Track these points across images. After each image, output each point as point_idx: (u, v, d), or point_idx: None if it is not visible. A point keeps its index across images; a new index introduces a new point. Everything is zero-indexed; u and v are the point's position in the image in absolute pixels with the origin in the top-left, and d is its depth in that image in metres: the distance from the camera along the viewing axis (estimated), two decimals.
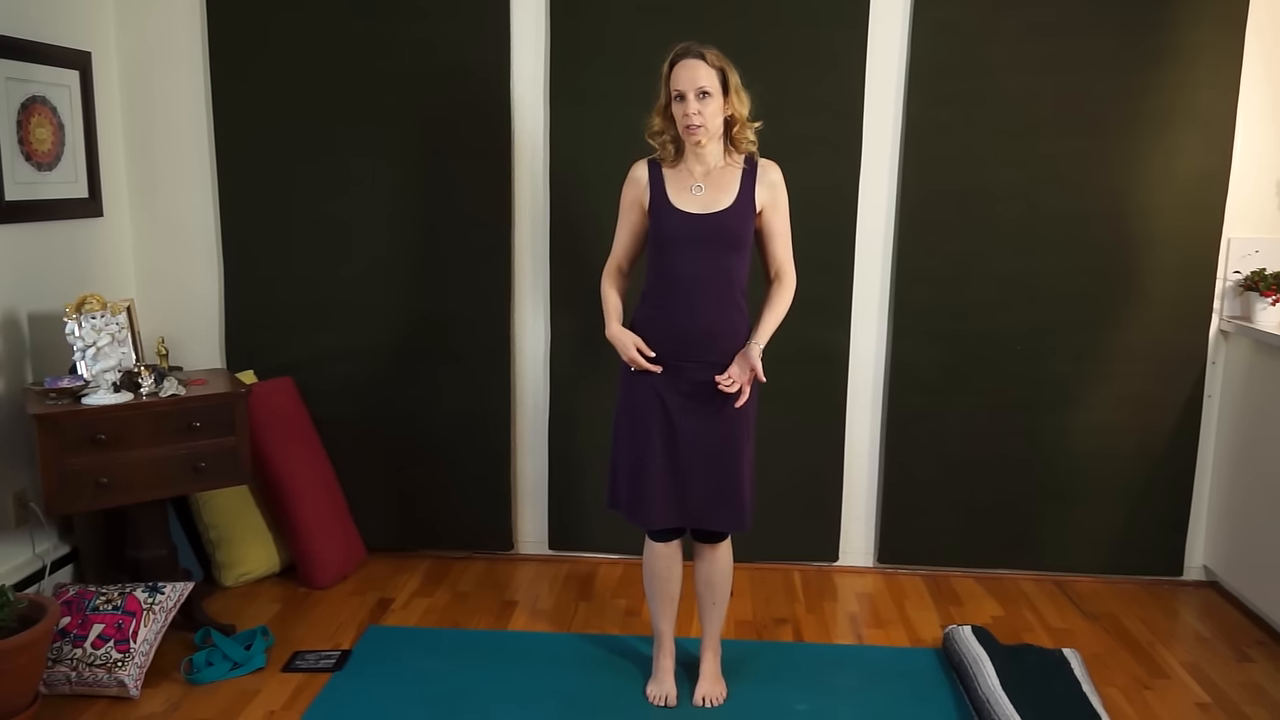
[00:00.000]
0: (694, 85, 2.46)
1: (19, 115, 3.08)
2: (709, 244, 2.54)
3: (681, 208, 2.56)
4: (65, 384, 2.91)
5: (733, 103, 2.51)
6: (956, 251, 3.46)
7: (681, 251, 2.55)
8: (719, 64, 2.48)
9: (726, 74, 2.49)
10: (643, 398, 2.61)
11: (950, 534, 3.64)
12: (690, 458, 2.60)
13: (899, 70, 3.42)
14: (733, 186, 2.56)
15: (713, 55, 2.48)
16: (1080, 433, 3.53)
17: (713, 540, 2.72)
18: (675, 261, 2.56)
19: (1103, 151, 3.38)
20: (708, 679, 2.79)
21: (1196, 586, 3.62)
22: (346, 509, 3.63)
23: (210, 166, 3.58)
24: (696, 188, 2.56)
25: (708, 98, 2.46)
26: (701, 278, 2.54)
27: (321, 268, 3.59)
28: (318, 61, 3.48)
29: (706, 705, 2.74)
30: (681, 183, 2.58)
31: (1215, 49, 3.31)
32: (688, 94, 2.46)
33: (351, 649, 3.02)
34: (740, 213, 2.55)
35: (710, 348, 2.57)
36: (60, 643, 2.73)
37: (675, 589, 2.78)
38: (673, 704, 2.75)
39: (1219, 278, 3.46)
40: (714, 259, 2.54)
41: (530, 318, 3.64)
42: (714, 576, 2.76)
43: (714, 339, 2.57)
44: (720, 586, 2.77)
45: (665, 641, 2.82)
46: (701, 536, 2.74)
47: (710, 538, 2.72)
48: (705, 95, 2.46)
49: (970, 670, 2.82)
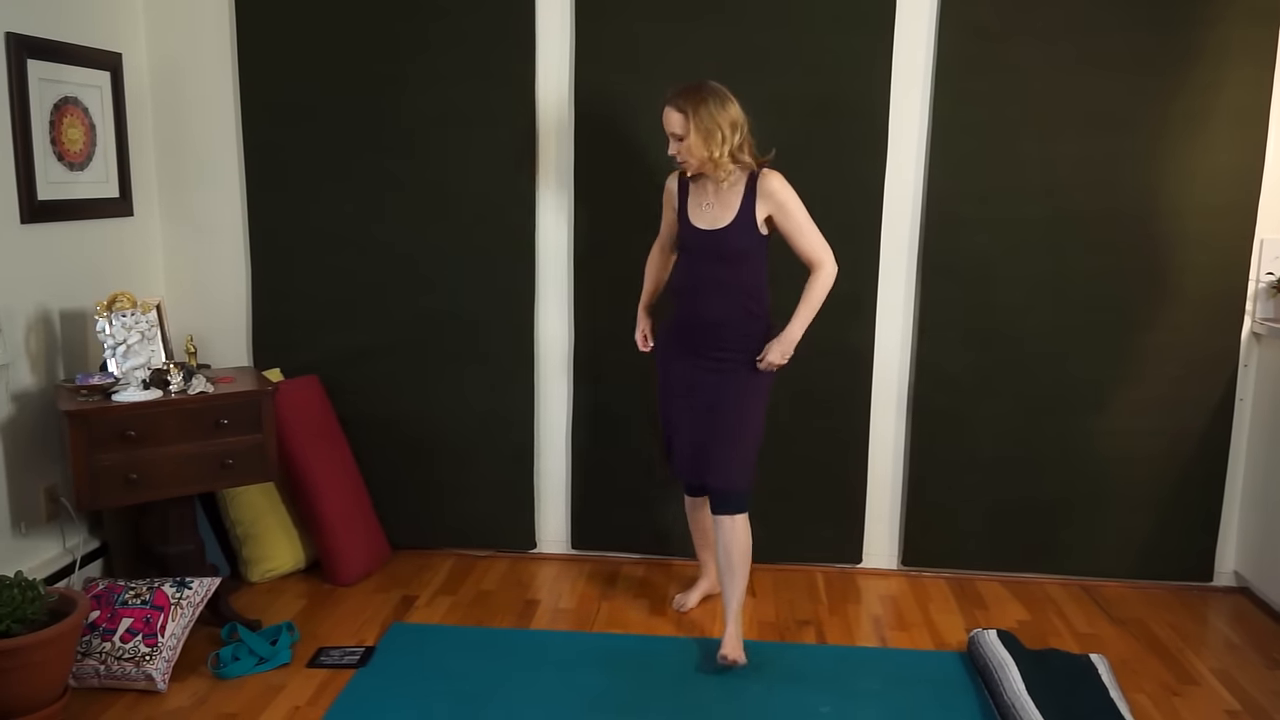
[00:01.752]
0: (669, 130, 2.85)
1: (52, 115, 3.13)
2: (713, 255, 2.91)
3: (695, 223, 2.93)
4: (96, 381, 2.94)
5: (702, 138, 2.80)
6: (983, 252, 3.44)
7: (695, 259, 2.95)
8: (683, 108, 2.81)
9: (688, 115, 2.79)
10: (671, 374, 3.05)
11: (975, 536, 3.61)
12: (695, 423, 2.99)
13: (925, 69, 3.40)
14: (735, 204, 2.89)
15: (679, 100, 2.81)
16: (1109, 435, 3.49)
17: (717, 510, 2.99)
18: (690, 267, 2.97)
19: (1132, 151, 3.34)
20: (729, 642, 2.97)
21: (1227, 592, 3.57)
22: (371, 506, 3.65)
23: (238, 166, 3.61)
24: (708, 205, 2.92)
25: (681, 139, 2.83)
26: (710, 282, 2.92)
27: (347, 267, 3.62)
28: (344, 62, 3.50)
29: (727, 663, 2.92)
30: (698, 199, 2.95)
31: (1248, 47, 3.26)
32: (669, 135, 2.86)
33: (375, 646, 3.04)
34: (739, 229, 2.87)
35: (719, 339, 2.94)
36: (89, 636, 2.77)
37: (709, 536, 3.21)
38: (684, 610, 3.29)
39: (1251, 279, 3.41)
40: (720, 268, 2.91)
41: (553, 317, 3.65)
42: (726, 547, 2.98)
43: (721, 332, 2.93)
44: (732, 558, 2.98)
45: (705, 568, 3.35)
46: (712, 507, 3.02)
47: (715, 508, 2.99)
48: (678, 138, 2.83)
49: (995, 675, 2.80)
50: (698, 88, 2.83)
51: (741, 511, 2.97)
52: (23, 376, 3.06)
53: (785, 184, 2.87)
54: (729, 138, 2.80)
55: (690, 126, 2.79)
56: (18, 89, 2.97)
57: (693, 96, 2.80)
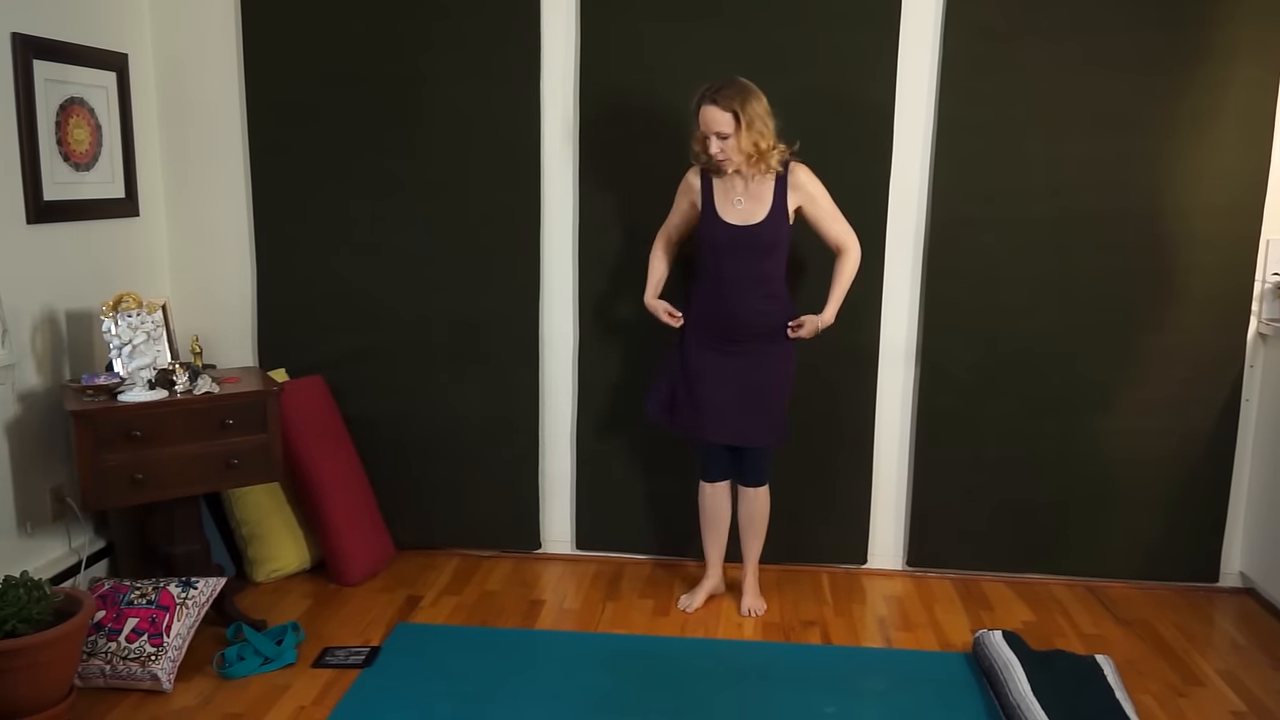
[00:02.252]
0: (712, 129, 2.88)
1: (58, 116, 3.13)
2: (747, 250, 3.00)
3: (726, 219, 3.01)
4: (102, 381, 2.95)
5: (752, 136, 2.87)
6: (989, 252, 3.43)
7: (724, 255, 3.03)
8: (731, 106, 2.84)
9: (739, 114, 2.84)
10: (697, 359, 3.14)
11: (981, 537, 3.60)
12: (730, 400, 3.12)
13: (931, 69, 3.40)
14: (768, 198, 2.98)
15: (725, 98, 2.84)
16: (1114, 436, 3.49)
17: (750, 483, 3.25)
18: (719, 263, 3.04)
19: (1139, 151, 3.34)
20: (750, 594, 3.33)
21: (1232, 593, 3.56)
22: (376, 507, 3.66)
23: (244, 167, 3.62)
24: (738, 201, 3.00)
25: (727, 138, 2.87)
26: (741, 277, 3.03)
27: (352, 268, 3.62)
28: (350, 62, 3.50)
29: (752, 615, 3.27)
30: (726, 195, 3.02)
31: (1255, 47, 3.25)
32: (710, 136, 2.90)
33: (381, 646, 3.04)
34: (773, 224, 2.98)
35: (748, 329, 3.08)
36: (95, 636, 2.77)
37: (724, 525, 3.33)
38: (690, 611, 3.30)
39: (1258, 279, 3.40)
40: (751, 263, 3.01)
41: (559, 317, 3.65)
42: (752, 514, 3.29)
43: (750, 323, 3.08)
44: (755, 523, 3.30)
45: (712, 568, 3.38)
46: (744, 480, 3.26)
47: (749, 480, 3.25)
48: (724, 136, 2.87)
49: (1001, 676, 2.79)
50: (738, 84, 2.88)
51: (767, 482, 3.27)
52: (29, 376, 3.06)
53: (812, 175, 3.01)
54: (769, 131, 2.89)
55: (741, 124, 2.84)
56: (24, 89, 2.97)
57: (738, 93, 2.85)
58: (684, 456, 3.47)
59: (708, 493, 3.30)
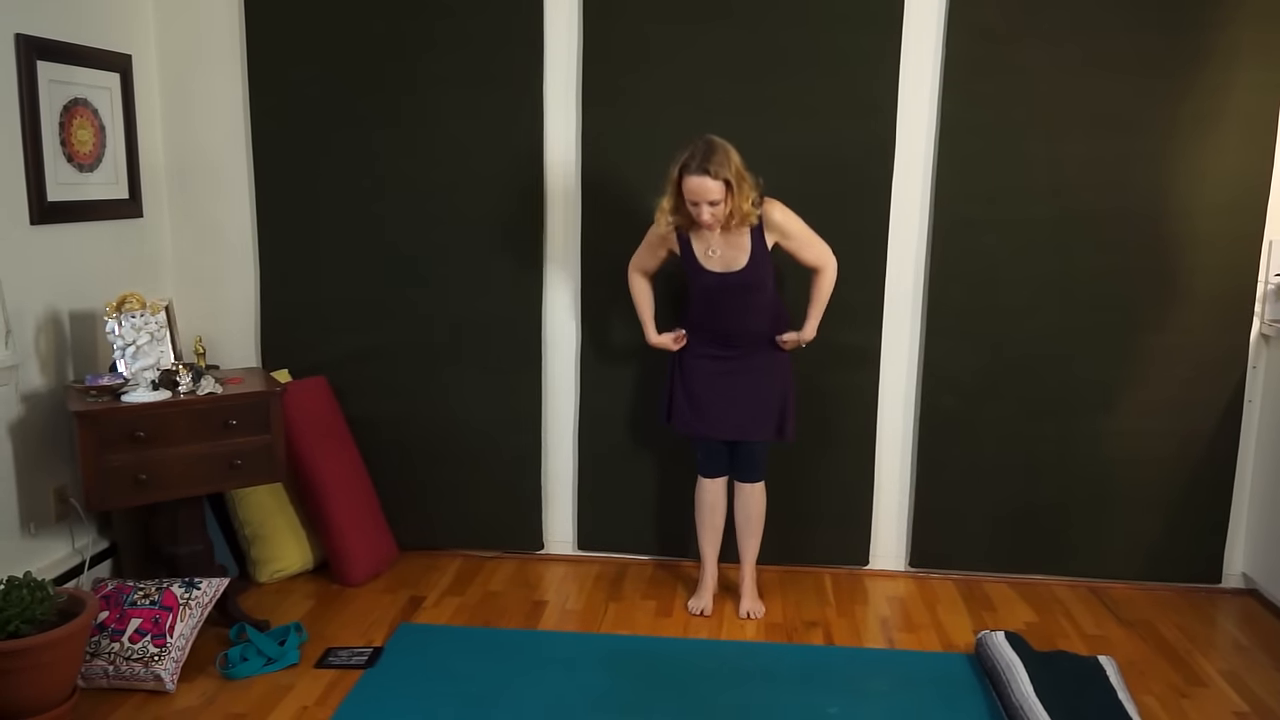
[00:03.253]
0: (705, 199, 2.88)
1: (61, 117, 3.14)
2: (736, 290, 3.08)
3: (709, 268, 3.06)
4: (105, 381, 2.95)
5: (740, 199, 2.89)
6: (991, 253, 3.43)
7: (714, 294, 3.11)
8: (722, 175, 2.85)
9: (730, 181, 2.86)
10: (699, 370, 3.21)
11: (983, 538, 3.60)
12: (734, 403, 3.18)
13: (933, 71, 3.40)
14: (746, 245, 3.02)
15: (716, 166, 2.84)
16: (1117, 437, 3.49)
17: (747, 478, 3.26)
18: (709, 298, 3.12)
19: (1141, 152, 3.34)
20: (748, 597, 3.32)
21: (1235, 594, 3.56)
22: (379, 507, 3.66)
23: (248, 168, 3.62)
24: (713, 250, 3.04)
25: (717, 204, 2.89)
26: (734, 307, 3.12)
27: (356, 269, 3.62)
28: (354, 63, 3.51)
29: (750, 618, 3.27)
30: (702, 245, 3.06)
31: (1257, 49, 3.25)
32: (700, 203, 2.90)
33: (383, 646, 3.04)
34: (755, 266, 3.04)
35: (744, 341, 3.18)
36: (98, 637, 2.77)
37: (720, 520, 3.34)
38: (708, 614, 3.29)
39: (1260, 280, 3.40)
40: (741, 297, 3.10)
41: (561, 319, 3.65)
42: (749, 511, 3.29)
43: (746, 336, 3.17)
44: (752, 521, 3.30)
45: (708, 565, 3.37)
46: (740, 475, 3.27)
47: (745, 476, 3.26)
48: (715, 204, 2.88)
49: (1003, 676, 2.80)
50: (722, 149, 2.87)
51: (763, 479, 3.28)
52: (32, 377, 3.07)
53: (784, 209, 3.03)
54: (750, 187, 2.92)
55: (731, 189, 2.86)
56: (28, 90, 2.98)
57: (725, 159, 2.86)
58: (686, 457, 3.47)
59: (706, 488, 3.31)
